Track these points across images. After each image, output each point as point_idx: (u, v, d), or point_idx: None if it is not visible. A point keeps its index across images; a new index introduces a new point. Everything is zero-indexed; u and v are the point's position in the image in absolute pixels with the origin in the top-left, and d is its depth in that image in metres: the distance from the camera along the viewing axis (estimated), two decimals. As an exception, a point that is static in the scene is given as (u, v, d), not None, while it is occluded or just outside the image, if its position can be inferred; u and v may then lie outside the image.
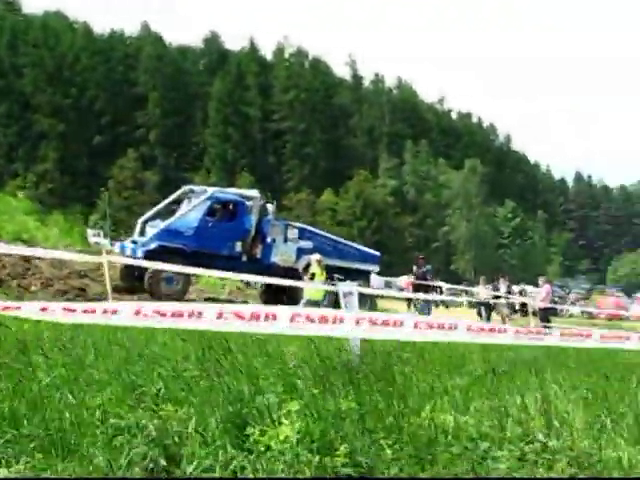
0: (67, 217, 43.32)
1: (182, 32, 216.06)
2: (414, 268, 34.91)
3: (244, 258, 26.70)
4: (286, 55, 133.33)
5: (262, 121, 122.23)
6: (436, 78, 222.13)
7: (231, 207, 26.99)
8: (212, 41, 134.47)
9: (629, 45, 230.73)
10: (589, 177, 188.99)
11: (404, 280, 41.27)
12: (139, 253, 25.06)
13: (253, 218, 26.91)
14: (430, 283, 32.59)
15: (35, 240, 30.64)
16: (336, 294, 10.70)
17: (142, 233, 26.93)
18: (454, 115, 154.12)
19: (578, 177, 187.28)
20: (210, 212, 26.47)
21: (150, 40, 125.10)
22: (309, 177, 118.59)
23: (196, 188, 28.90)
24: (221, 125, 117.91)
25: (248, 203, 27.27)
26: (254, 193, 27.88)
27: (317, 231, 29.39)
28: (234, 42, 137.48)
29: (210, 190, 27.61)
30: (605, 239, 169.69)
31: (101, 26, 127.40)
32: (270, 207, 27.89)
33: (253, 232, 26.86)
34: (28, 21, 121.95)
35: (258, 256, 26.96)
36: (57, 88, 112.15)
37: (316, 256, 22.87)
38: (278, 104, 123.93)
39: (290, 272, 26.38)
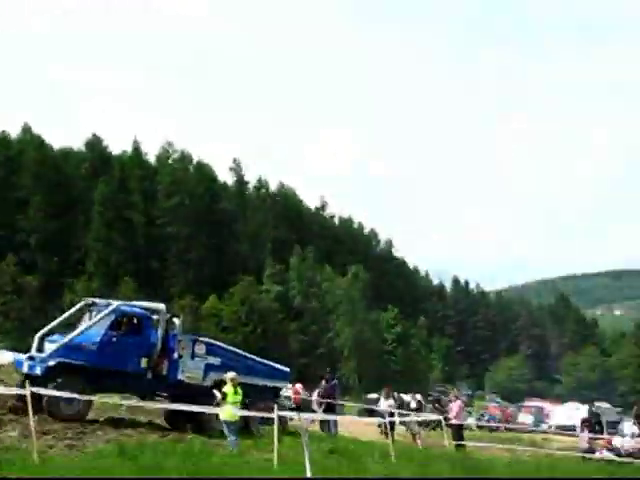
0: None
1: (65, 134, 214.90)
2: (322, 382, 34.50)
3: (149, 375, 25.33)
4: (170, 160, 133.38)
5: (146, 226, 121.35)
6: (317, 184, 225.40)
7: (136, 321, 25.63)
8: (95, 144, 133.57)
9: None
10: (466, 282, 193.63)
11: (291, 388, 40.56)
12: (37, 370, 23.71)
13: (159, 332, 25.64)
14: (336, 402, 32.37)
15: None
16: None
17: (40, 349, 25.04)
18: (336, 221, 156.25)
19: (456, 282, 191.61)
20: (114, 326, 25.01)
21: (32, 143, 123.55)
22: (193, 283, 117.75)
23: (98, 301, 27.14)
24: (104, 229, 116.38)
25: (154, 317, 26.10)
26: (160, 306, 26.57)
27: (226, 346, 28.19)
28: (117, 145, 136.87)
29: (114, 303, 26.37)
30: (483, 344, 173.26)
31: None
32: (177, 321, 26.57)
33: (159, 347, 25.53)
34: None
35: (164, 373, 25.53)
36: None
37: (230, 374, 22.07)
38: (162, 209, 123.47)
39: (197, 390, 25.49)
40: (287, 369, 28.77)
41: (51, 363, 23.81)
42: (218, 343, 27.85)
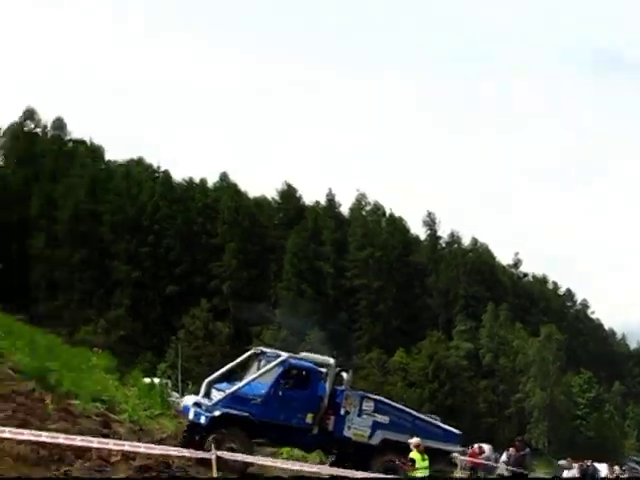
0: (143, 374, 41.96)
1: (259, 183, 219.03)
2: (511, 450, 32.43)
3: (315, 430, 24.21)
4: (363, 212, 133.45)
5: (336, 277, 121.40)
6: (510, 241, 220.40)
7: (304, 374, 24.51)
8: (288, 194, 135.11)
9: None
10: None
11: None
12: (202, 419, 23.13)
13: (327, 387, 24.49)
14: (527, 473, 30.07)
15: (115, 401, 29.14)
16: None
17: (207, 394, 24.64)
18: (530, 279, 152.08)
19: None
20: (281, 379, 24.04)
21: (228, 191, 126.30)
22: (381, 336, 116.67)
23: (267, 351, 26.37)
24: (295, 279, 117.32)
25: (322, 371, 25.00)
26: (329, 361, 25.40)
27: (395, 404, 26.62)
28: (310, 195, 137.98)
29: (283, 355, 25.31)
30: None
31: (181, 174, 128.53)
32: (345, 376, 25.38)
33: (326, 402, 24.33)
34: (110, 170, 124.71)
35: (330, 428, 24.31)
36: (135, 236, 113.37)
37: (415, 440, 20.84)
38: (353, 261, 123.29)
39: (362, 449, 24.25)
40: (458, 431, 26.83)
41: (216, 413, 23.11)
42: (387, 401, 26.30)
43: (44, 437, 15.34)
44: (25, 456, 17.07)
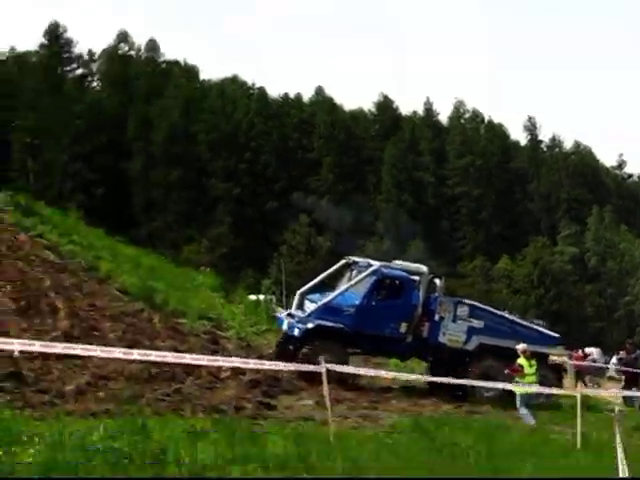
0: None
1: (355, 97, 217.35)
2: (621, 353, 31.74)
3: (409, 338, 24.15)
4: (461, 120, 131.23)
5: (436, 186, 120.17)
6: (614, 141, 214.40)
7: (397, 284, 24.34)
8: (384, 105, 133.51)
9: None
10: None
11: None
12: (296, 331, 23.34)
13: (420, 295, 24.24)
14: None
15: (221, 318, 29.28)
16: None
17: (300, 306, 24.90)
18: (635, 180, 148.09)
19: None
20: (374, 289, 23.98)
21: (324, 105, 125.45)
22: (484, 243, 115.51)
23: (359, 260, 26.13)
24: (394, 190, 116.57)
25: (415, 279, 24.63)
26: (422, 268, 25.08)
27: (491, 309, 25.94)
28: (406, 106, 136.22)
29: (375, 265, 24.91)
30: None
31: (276, 90, 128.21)
32: (438, 282, 25.07)
33: (420, 310, 24.17)
34: (204, 88, 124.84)
35: (424, 335, 24.22)
36: (232, 153, 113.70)
37: (522, 346, 20.38)
38: (452, 169, 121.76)
39: (458, 355, 24.15)
40: (557, 335, 26.20)
41: (310, 326, 23.23)
42: (482, 306, 25.81)
43: (153, 356, 15.30)
44: (136, 375, 17.15)
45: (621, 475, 9.37)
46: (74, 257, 27.96)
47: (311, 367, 16.58)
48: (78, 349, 12.68)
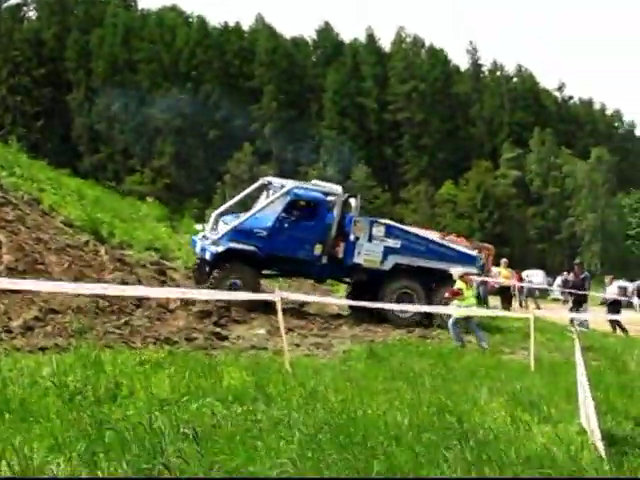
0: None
1: (295, 24, 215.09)
2: (566, 275, 32.08)
3: (324, 260, 23.89)
4: (403, 45, 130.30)
5: (379, 112, 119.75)
6: (554, 65, 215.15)
7: (310, 205, 24.02)
8: (326, 32, 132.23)
9: None
10: None
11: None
12: (207, 255, 23.09)
13: (335, 216, 23.96)
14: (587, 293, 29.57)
15: (168, 248, 29.04)
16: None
17: (215, 228, 24.45)
18: (576, 102, 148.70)
19: None
20: (287, 211, 23.69)
21: (264, 33, 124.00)
22: (427, 169, 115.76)
23: (274, 180, 26.11)
24: (337, 117, 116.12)
25: (330, 199, 24.42)
26: (336, 189, 24.78)
27: (408, 229, 26.07)
28: (347, 34, 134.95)
29: (288, 185, 24.65)
30: None
31: (216, 20, 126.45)
32: (353, 202, 24.79)
33: (334, 231, 23.88)
34: (143, 17, 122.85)
35: (339, 256, 23.96)
36: (173, 83, 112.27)
37: (458, 270, 20.53)
38: (395, 95, 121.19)
39: (375, 275, 23.95)
40: (475, 253, 26.13)
41: (219, 249, 22.89)
42: (398, 225, 25.77)
43: (100, 289, 15.03)
44: (85, 308, 16.85)
45: (580, 396, 9.31)
46: (17, 190, 27.36)
47: (263, 296, 16.41)
48: (28, 284, 12.39)
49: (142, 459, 6.44)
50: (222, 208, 25.86)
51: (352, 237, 23.84)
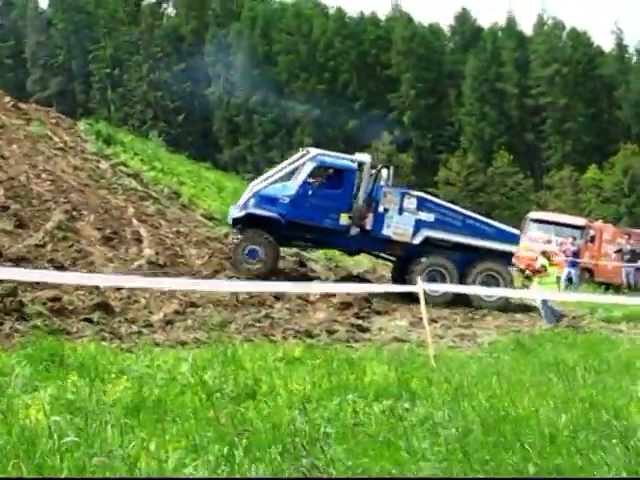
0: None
1: (432, 11, 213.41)
2: None
3: (353, 231, 23.37)
4: (544, 28, 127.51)
5: (520, 98, 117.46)
6: None
7: (337, 173, 23.58)
8: (464, 18, 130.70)
9: None
10: None
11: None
12: (229, 219, 23.23)
13: (363, 186, 23.43)
14: None
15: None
16: None
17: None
18: None
19: None
20: (312, 177, 23.32)
21: (401, 21, 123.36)
22: (571, 154, 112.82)
23: (312, 150, 25.23)
24: (477, 103, 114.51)
25: (356, 168, 23.91)
26: (365, 158, 24.21)
27: (442, 202, 25.23)
28: (487, 19, 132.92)
29: (312, 152, 24.16)
30: None
31: (353, 9, 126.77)
32: (385, 172, 24.16)
33: (361, 200, 23.30)
34: (282, 9, 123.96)
35: (368, 227, 23.37)
36: (310, 74, 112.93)
37: (543, 247, 20.36)
38: (536, 79, 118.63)
39: (406, 248, 23.40)
40: (517, 232, 25.05)
41: (240, 214, 22.77)
42: (432, 198, 24.84)
43: (240, 286, 14.95)
44: (225, 301, 16.85)
45: None
46: (157, 184, 27.75)
47: (405, 288, 16.02)
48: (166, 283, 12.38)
49: (286, 461, 6.13)
50: (260, 178, 25.42)
51: (381, 208, 23.24)
